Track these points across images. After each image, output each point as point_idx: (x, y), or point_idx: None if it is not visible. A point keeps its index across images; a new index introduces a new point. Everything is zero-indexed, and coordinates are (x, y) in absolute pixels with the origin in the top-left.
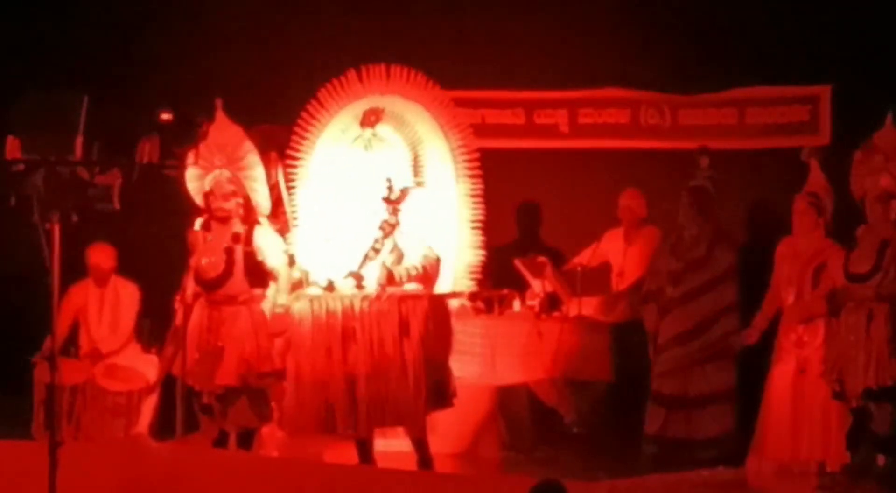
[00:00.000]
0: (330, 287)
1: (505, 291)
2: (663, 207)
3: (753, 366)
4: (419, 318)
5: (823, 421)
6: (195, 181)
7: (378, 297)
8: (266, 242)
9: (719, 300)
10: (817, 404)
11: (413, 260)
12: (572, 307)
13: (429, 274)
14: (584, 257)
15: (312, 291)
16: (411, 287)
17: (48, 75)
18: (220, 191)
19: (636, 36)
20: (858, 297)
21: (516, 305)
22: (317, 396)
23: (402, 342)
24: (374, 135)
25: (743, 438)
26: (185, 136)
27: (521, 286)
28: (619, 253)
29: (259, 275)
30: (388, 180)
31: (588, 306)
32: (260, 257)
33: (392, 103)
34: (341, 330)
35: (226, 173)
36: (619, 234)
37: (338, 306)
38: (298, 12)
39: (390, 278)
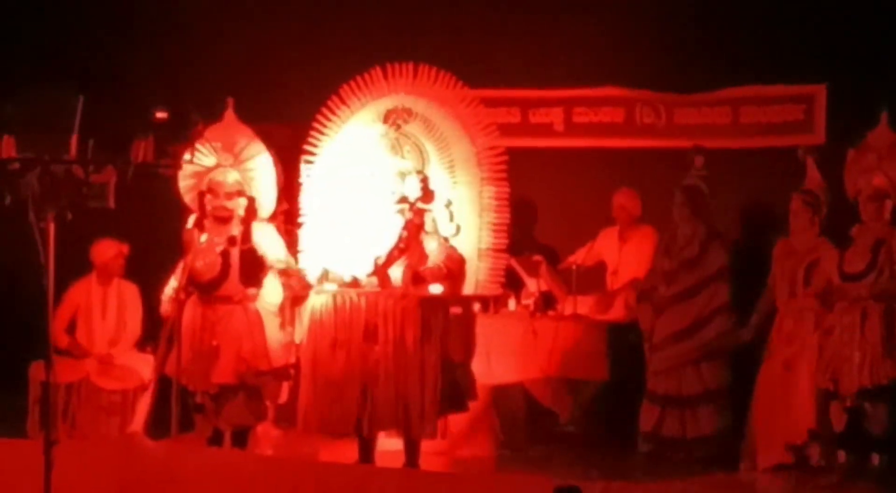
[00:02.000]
0: (354, 283)
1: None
2: (658, 206)
3: (748, 365)
4: (440, 320)
5: (809, 417)
6: (190, 180)
7: (403, 296)
8: (266, 237)
9: (713, 300)
10: (803, 399)
11: (437, 260)
12: (567, 306)
13: (454, 274)
14: (579, 256)
15: (332, 287)
16: (436, 288)
17: (43, 74)
18: (223, 190)
19: (631, 35)
20: (853, 296)
21: (511, 304)
22: (334, 394)
23: (423, 345)
24: (402, 135)
25: (737, 436)
26: (179, 134)
27: (517, 285)
28: (614, 252)
29: (255, 275)
30: (423, 180)
31: (583, 305)
32: (261, 252)
33: (417, 104)
34: (364, 326)
35: (233, 174)
36: (614, 233)
37: (362, 302)
38: (296, 11)
39: (416, 279)
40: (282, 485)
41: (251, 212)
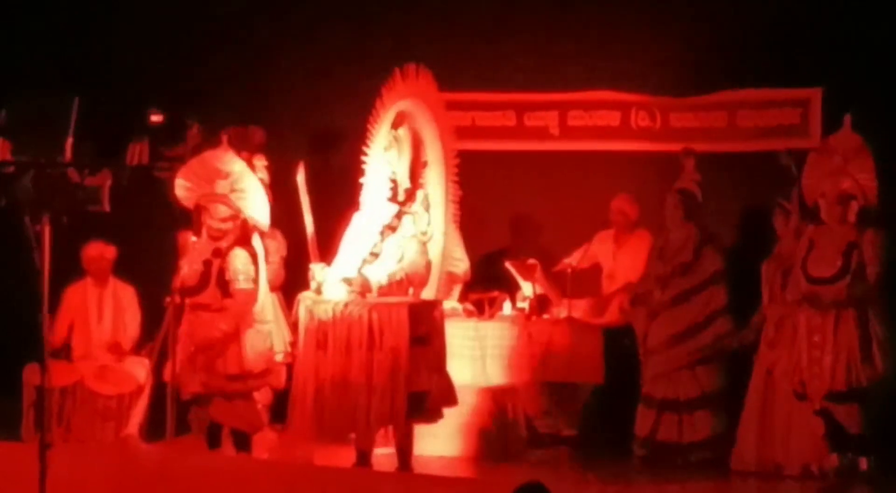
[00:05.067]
0: (318, 291)
1: (495, 293)
2: (654, 209)
3: (745, 369)
4: (393, 326)
5: (787, 422)
6: (187, 192)
7: (347, 304)
8: (238, 266)
9: (709, 304)
10: (782, 404)
11: (400, 266)
12: (562, 309)
13: (412, 281)
14: (575, 259)
15: (308, 294)
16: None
17: (38, 77)
18: (218, 215)
19: (627, 38)
20: (823, 299)
21: (506, 307)
22: (312, 400)
23: (371, 351)
24: (395, 137)
25: (733, 440)
26: (174, 137)
27: (512, 288)
28: (609, 255)
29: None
30: (394, 181)
31: (577, 309)
32: (228, 277)
33: (415, 106)
34: (316, 335)
35: (222, 207)
36: (610, 236)
37: (316, 311)
38: (284, 14)
39: (364, 286)
40: (277, 488)
41: (246, 228)
